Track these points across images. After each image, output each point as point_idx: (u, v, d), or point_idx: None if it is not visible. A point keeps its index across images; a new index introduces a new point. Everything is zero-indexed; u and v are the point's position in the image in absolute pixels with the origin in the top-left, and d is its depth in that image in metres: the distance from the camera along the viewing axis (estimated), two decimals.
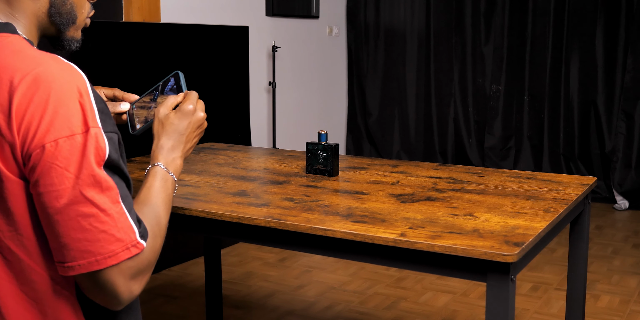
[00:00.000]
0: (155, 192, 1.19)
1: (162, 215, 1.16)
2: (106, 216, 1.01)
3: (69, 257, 1.01)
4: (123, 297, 1.05)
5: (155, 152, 1.26)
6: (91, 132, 1.01)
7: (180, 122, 1.28)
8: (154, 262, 1.09)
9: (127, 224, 1.03)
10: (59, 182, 0.99)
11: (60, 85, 1.02)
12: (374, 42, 5.56)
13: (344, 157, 2.15)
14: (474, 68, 5.30)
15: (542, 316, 2.89)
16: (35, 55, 1.05)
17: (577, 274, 1.88)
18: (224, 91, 3.77)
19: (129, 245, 1.02)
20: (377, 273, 3.40)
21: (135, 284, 1.05)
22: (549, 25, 4.98)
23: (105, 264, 1.01)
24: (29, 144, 0.99)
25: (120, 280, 1.03)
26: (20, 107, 1.00)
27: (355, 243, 1.35)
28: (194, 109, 1.30)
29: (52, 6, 1.16)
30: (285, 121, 4.86)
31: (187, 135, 1.29)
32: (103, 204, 1.01)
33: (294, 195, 1.62)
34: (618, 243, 3.93)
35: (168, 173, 1.23)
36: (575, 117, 4.95)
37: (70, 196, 0.99)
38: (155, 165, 1.23)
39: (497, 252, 1.21)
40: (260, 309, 2.97)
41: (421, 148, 5.56)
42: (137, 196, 1.17)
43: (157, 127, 1.29)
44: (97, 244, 1.00)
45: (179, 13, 3.89)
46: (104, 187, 1.01)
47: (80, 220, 1.00)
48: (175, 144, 1.27)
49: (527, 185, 1.75)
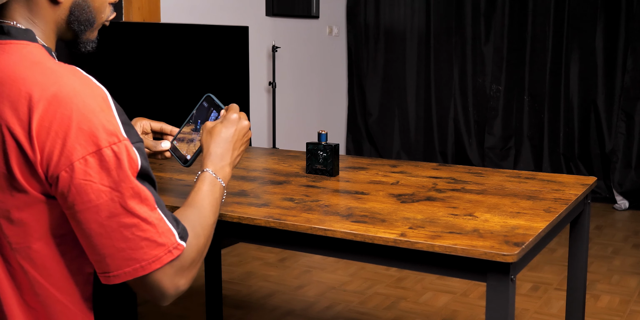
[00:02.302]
0: (202, 195, 1.21)
1: (208, 216, 1.19)
2: (147, 224, 1.03)
3: (114, 266, 1.03)
4: (170, 294, 1.08)
5: (205, 159, 1.30)
6: (121, 144, 1.02)
7: (227, 131, 1.32)
8: (198, 259, 1.12)
9: (166, 228, 1.05)
10: (97, 197, 1.00)
11: (82, 101, 1.02)
12: (374, 42, 5.56)
13: (344, 157, 2.15)
14: (474, 68, 5.30)
15: (542, 316, 2.89)
16: (54, 68, 1.05)
17: (577, 274, 1.88)
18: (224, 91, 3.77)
19: (170, 248, 1.05)
20: (377, 273, 3.40)
21: (181, 280, 1.08)
22: (549, 25, 4.98)
23: (150, 269, 1.03)
24: (57, 163, 1.00)
25: (166, 280, 1.06)
26: (43, 124, 1.00)
27: (355, 243, 1.35)
28: (239, 118, 1.34)
29: (72, 14, 1.16)
30: (285, 121, 4.86)
31: (234, 143, 1.33)
32: (143, 213, 1.03)
33: (294, 195, 1.62)
34: (618, 243, 3.94)
35: (216, 179, 1.26)
36: (575, 117, 4.95)
37: (111, 209, 1.01)
38: (205, 171, 1.27)
39: (497, 252, 1.21)
40: (260, 309, 2.97)
41: (421, 148, 5.56)
42: (186, 200, 1.21)
43: (205, 138, 1.33)
44: (141, 251, 1.03)
45: (179, 13, 3.89)
46: (142, 197, 1.03)
47: (122, 231, 1.02)
48: (223, 152, 1.31)
49: (527, 185, 1.75)
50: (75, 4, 1.15)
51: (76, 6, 1.15)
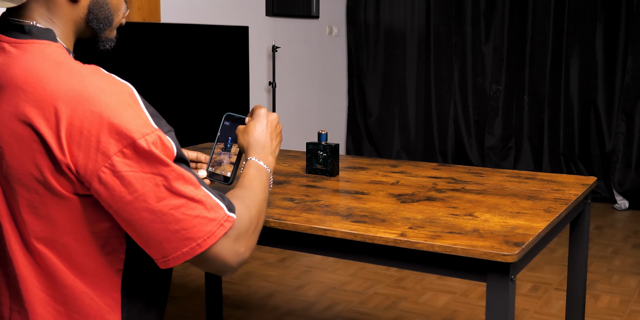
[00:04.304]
0: (249, 178, 1.26)
1: (256, 193, 1.22)
2: (195, 202, 1.05)
3: (170, 249, 1.05)
4: (232, 264, 1.10)
5: (247, 152, 1.34)
6: (153, 134, 1.03)
7: (260, 125, 1.37)
8: (253, 228, 1.14)
9: (214, 203, 1.07)
10: (142, 186, 1.02)
11: (109, 98, 1.03)
12: (374, 42, 5.56)
13: (344, 157, 2.15)
14: (474, 68, 5.30)
15: (542, 316, 2.89)
16: (78, 68, 1.06)
17: (577, 274, 1.88)
18: (224, 91, 3.77)
19: (222, 221, 1.07)
20: (377, 273, 3.40)
21: (241, 248, 1.10)
22: (549, 25, 4.98)
23: (207, 245, 1.05)
24: (94, 161, 1.01)
25: (225, 251, 1.08)
26: (73, 124, 1.00)
27: (355, 243, 1.35)
28: (267, 112, 1.39)
29: (90, 12, 1.16)
30: (285, 121, 4.86)
31: (269, 134, 1.37)
32: (189, 192, 1.05)
33: (294, 195, 1.62)
34: (618, 243, 3.94)
35: (262, 165, 1.30)
36: (575, 117, 4.95)
37: (158, 194, 1.03)
38: (249, 159, 1.31)
39: (497, 252, 1.21)
40: (260, 309, 2.98)
41: (421, 148, 5.56)
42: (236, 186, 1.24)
43: (242, 138, 1.37)
44: (194, 229, 1.04)
45: (179, 13, 3.89)
46: (186, 178, 1.05)
47: (173, 213, 1.03)
48: (264, 143, 1.35)
49: (527, 185, 1.75)
50: (94, 2, 1.16)
51: (95, 4, 1.16)
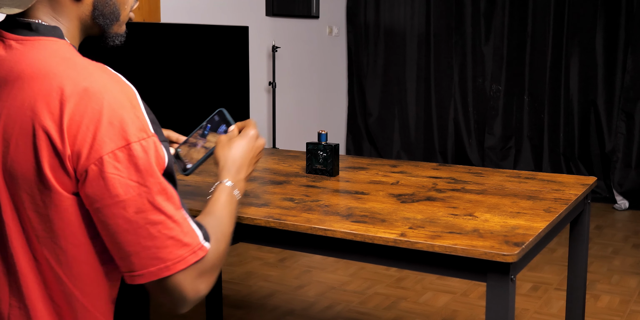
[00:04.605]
0: (221, 205, 1.21)
1: (226, 224, 1.18)
2: (173, 222, 1.02)
3: (138, 265, 1.02)
4: (190, 298, 1.07)
5: (222, 171, 1.29)
6: (150, 140, 1.02)
7: (246, 144, 1.33)
8: (218, 264, 1.11)
9: (190, 228, 1.05)
10: (125, 192, 1.00)
11: (112, 97, 1.02)
12: (374, 42, 5.56)
13: (344, 157, 2.15)
14: (474, 68, 5.30)
15: (542, 316, 2.89)
16: (85, 64, 1.06)
17: (577, 274, 1.88)
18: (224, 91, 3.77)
19: (195, 249, 1.04)
20: (377, 273, 3.40)
21: (202, 284, 1.07)
22: (549, 25, 4.98)
23: (175, 269, 1.02)
24: (86, 158, 1.00)
25: (188, 283, 1.05)
26: (74, 118, 1.00)
27: (355, 243, 1.35)
28: (256, 135, 1.35)
29: (95, 8, 1.16)
30: (285, 121, 4.86)
31: (250, 158, 1.33)
32: (169, 210, 1.03)
33: (294, 195, 1.62)
34: (618, 243, 3.93)
35: (234, 191, 1.25)
36: (575, 117, 4.95)
37: (139, 204, 1.00)
38: (223, 183, 1.26)
39: (497, 252, 1.21)
40: (260, 309, 2.97)
41: (421, 148, 5.56)
42: (203, 209, 1.20)
43: (222, 151, 1.32)
44: (166, 250, 1.02)
45: (179, 13, 3.89)
46: (168, 194, 1.03)
47: (149, 228, 1.01)
48: (240, 166, 1.31)
49: (527, 185, 1.75)
50: None
51: (99, 1, 1.15)
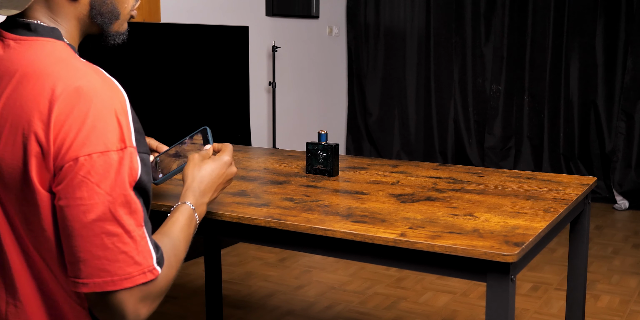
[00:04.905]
0: (179, 227, 1.18)
1: (181, 249, 1.16)
2: (129, 238, 1.01)
3: (85, 273, 1.01)
4: (129, 319, 1.04)
5: (187, 191, 1.26)
6: (127, 151, 1.01)
7: (216, 170, 1.30)
8: (165, 290, 1.08)
9: (146, 248, 1.03)
10: (89, 196, 0.99)
11: (101, 100, 1.02)
12: (374, 42, 5.56)
13: (344, 157, 2.15)
14: (474, 68, 5.30)
15: (542, 316, 2.89)
16: (79, 66, 1.06)
17: (577, 274, 1.88)
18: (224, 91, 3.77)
19: (145, 270, 1.02)
20: (377, 273, 3.40)
21: (144, 308, 1.04)
22: (549, 25, 4.98)
23: (121, 286, 1.00)
24: (63, 155, 0.99)
25: (130, 303, 1.02)
26: (60, 117, 1.00)
27: (355, 243, 1.35)
28: (230, 162, 1.33)
29: (93, 8, 1.15)
30: (285, 121, 4.86)
31: (218, 184, 1.30)
32: (129, 225, 1.01)
33: (294, 195, 1.62)
34: (618, 243, 3.93)
35: (194, 214, 1.23)
36: (575, 117, 4.95)
37: (99, 212, 0.99)
38: (185, 204, 1.23)
39: (497, 252, 1.21)
40: (260, 309, 2.97)
41: (421, 148, 5.56)
42: (161, 228, 1.17)
43: (191, 170, 1.29)
44: (116, 264, 1.00)
45: (179, 13, 3.89)
46: (132, 208, 1.02)
47: (103, 238, 1.00)
48: (206, 189, 1.28)
49: (527, 185, 1.75)
50: None
51: (96, 0, 1.15)
